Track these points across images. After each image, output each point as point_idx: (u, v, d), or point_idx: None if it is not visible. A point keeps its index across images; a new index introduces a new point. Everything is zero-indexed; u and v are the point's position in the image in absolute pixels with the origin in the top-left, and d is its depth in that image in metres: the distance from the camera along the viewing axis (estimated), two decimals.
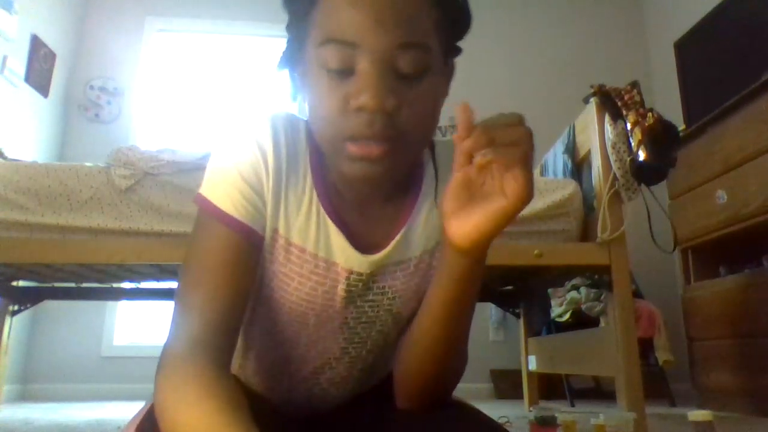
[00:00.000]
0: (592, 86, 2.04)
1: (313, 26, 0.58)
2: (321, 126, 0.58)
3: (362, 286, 0.65)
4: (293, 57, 0.64)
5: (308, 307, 0.65)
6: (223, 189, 0.60)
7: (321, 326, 0.67)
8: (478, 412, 0.68)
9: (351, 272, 0.64)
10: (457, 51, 0.65)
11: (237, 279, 0.59)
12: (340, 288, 0.64)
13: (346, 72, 0.55)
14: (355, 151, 0.55)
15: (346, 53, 0.55)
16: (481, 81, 4.17)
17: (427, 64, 0.57)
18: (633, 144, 1.89)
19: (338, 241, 0.63)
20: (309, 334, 0.67)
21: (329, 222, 0.63)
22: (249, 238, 0.61)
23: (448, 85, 0.65)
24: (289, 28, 0.63)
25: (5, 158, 2.14)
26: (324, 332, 0.67)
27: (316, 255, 0.64)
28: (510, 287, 2.78)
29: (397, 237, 0.65)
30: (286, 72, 0.66)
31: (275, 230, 0.63)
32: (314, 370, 0.70)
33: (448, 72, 0.64)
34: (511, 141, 0.49)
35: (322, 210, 0.63)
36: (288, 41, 0.64)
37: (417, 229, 0.66)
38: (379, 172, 0.57)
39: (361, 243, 0.64)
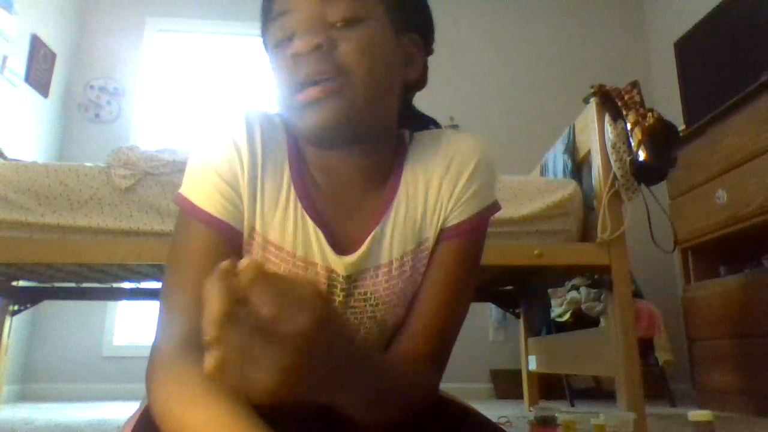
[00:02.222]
0: (592, 86, 2.04)
1: (268, 23, 0.63)
2: (278, 94, 0.61)
3: (341, 291, 0.64)
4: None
5: None
6: (201, 187, 0.61)
7: None
8: (477, 413, 0.67)
9: (331, 272, 0.63)
10: (419, 32, 0.67)
11: None
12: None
13: (288, 40, 0.60)
14: (301, 99, 0.58)
15: (286, 22, 0.60)
16: (481, 81, 4.18)
17: (360, 12, 0.60)
18: (633, 144, 1.89)
19: (316, 239, 0.62)
20: None
21: (307, 219, 0.62)
22: (229, 234, 0.61)
23: (412, 61, 0.67)
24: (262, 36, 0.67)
25: (5, 158, 2.14)
26: None
27: (294, 254, 0.62)
28: (510, 287, 2.78)
29: (370, 237, 0.64)
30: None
31: (252, 228, 0.62)
32: None
33: (408, 47, 0.66)
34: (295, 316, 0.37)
35: (300, 206, 0.62)
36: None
37: (395, 228, 0.65)
38: (328, 116, 0.58)
39: (339, 243, 0.63)
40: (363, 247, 0.63)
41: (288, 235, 0.62)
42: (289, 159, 0.64)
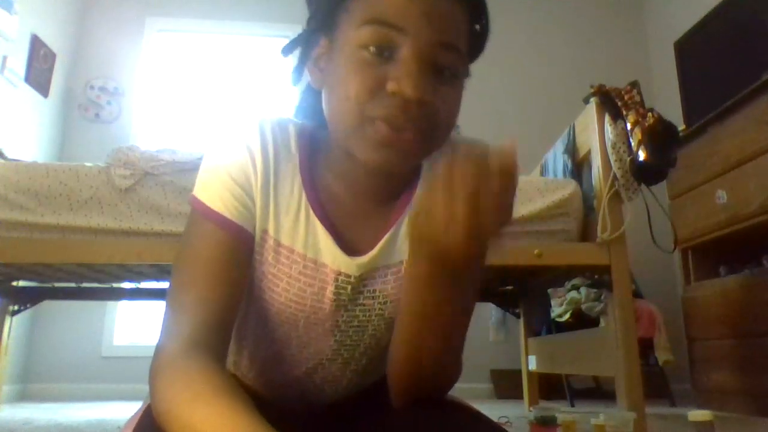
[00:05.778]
0: (592, 86, 2.04)
1: (351, 11, 0.57)
2: (345, 106, 0.56)
3: (351, 290, 0.65)
4: (311, 41, 0.63)
5: (297, 308, 0.65)
6: (214, 189, 0.61)
7: (311, 328, 0.67)
8: (475, 412, 0.67)
9: (339, 273, 0.64)
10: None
11: (230, 277, 0.60)
12: (329, 290, 0.64)
13: (385, 54, 0.55)
14: (386, 135, 0.54)
15: (390, 35, 0.55)
16: (480, 81, 4.16)
17: (459, 68, 0.59)
18: (633, 144, 1.89)
19: (326, 243, 0.64)
20: (299, 335, 0.67)
21: (317, 223, 0.64)
22: (240, 237, 0.61)
23: None
24: (313, 17, 0.63)
25: (5, 158, 2.14)
26: (314, 334, 0.67)
27: (304, 255, 0.64)
28: (510, 287, 2.78)
29: (384, 239, 0.65)
30: (290, 57, 0.67)
31: (265, 231, 0.63)
32: (307, 371, 0.70)
33: None
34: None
35: (311, 211, 0.64)
36: (308, 28, 0.64)
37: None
38: (401, 162, 0.57)
39: (349, 245, 0.64)
40: (375, 250, 0.65)
41: (299, 238, 0.64)
42: (300, 166, 0.65)
